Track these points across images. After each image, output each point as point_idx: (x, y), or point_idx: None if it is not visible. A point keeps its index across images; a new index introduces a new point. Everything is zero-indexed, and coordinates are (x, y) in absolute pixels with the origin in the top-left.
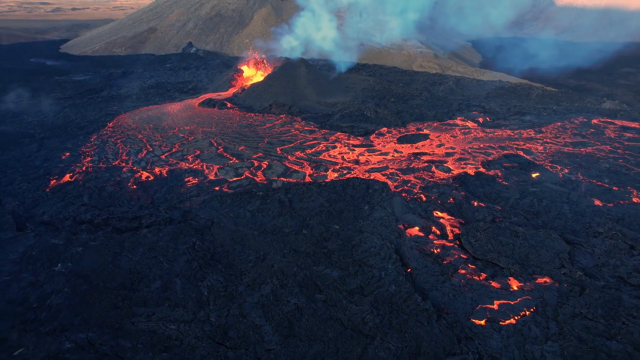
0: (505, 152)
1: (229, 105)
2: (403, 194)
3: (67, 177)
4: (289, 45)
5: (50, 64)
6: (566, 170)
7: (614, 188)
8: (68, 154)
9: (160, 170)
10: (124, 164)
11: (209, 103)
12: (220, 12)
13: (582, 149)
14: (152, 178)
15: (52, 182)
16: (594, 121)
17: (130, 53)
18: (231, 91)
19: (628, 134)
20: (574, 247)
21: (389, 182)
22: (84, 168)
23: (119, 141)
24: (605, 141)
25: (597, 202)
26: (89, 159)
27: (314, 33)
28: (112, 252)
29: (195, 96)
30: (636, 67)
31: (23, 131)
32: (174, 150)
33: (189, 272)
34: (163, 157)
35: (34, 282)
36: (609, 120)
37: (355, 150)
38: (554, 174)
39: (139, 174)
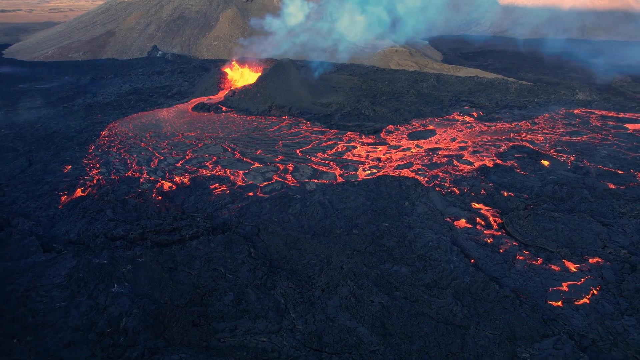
0: (512, 143)
1: (224, 108)
2: (437, 189)
3: (79, 192)
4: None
5: (2, 71)
6: (572, 158)
7: (619, 172)
8: (70, 167)
9: (181, 179)
10: (138, 174)
11: (203, 107)
12: (183, 14)
13: (579, 138)
14: (174, 187)
15: (62, 198)
16: (576, 111)
17: (89, 58)
18: (221, 94)
19: (611, 122)
20: (607, 227)
21: (420, 178)
22: (94, 181)
23: (122, 151)
24: (595, 130)
25: (611, 186)
26: (96, 171)
27: (289, 34)
28: (166, 268)
29: (183, 101)
30: (582, 61)
31: (1, 145)
32: (187, 157)
33: (256, 282)
34: (179, 165)
35: (95, 305)
36: (589, 110)
37: (378, 149)
38: (562, 162)
39: (160, 183)
